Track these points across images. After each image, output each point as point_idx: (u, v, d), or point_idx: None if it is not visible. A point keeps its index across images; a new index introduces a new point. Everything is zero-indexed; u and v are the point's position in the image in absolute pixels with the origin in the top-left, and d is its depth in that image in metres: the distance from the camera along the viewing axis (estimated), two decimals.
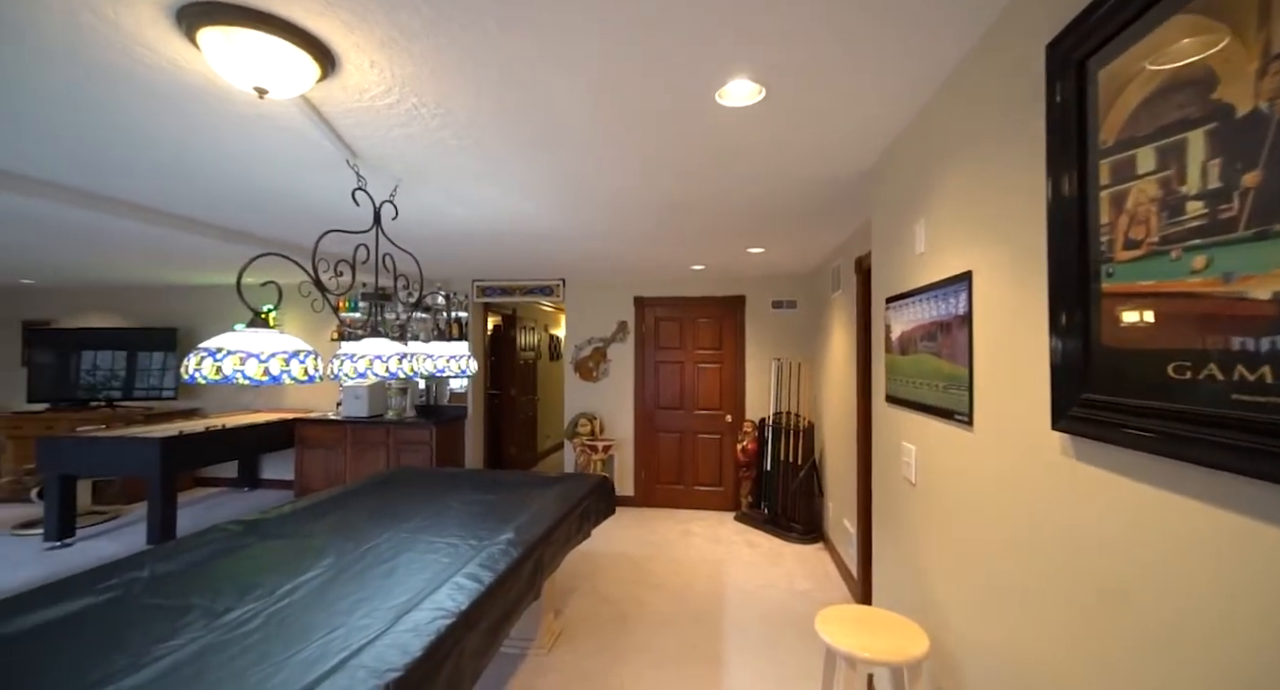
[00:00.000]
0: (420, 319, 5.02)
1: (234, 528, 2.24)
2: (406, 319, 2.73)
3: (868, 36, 1.29)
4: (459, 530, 2.28)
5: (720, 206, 2.71)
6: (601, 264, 4.45)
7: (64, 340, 5.63)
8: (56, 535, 3.88)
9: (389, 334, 2.23)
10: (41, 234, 3.29)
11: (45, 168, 2.19)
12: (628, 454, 5.13)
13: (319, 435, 4.86)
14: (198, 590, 1.71)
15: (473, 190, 2.48)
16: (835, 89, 1.55)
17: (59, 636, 1.43)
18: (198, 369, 1.45)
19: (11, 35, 1.29)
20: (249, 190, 2.47)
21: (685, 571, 3.58)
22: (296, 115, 1.71)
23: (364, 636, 1.42)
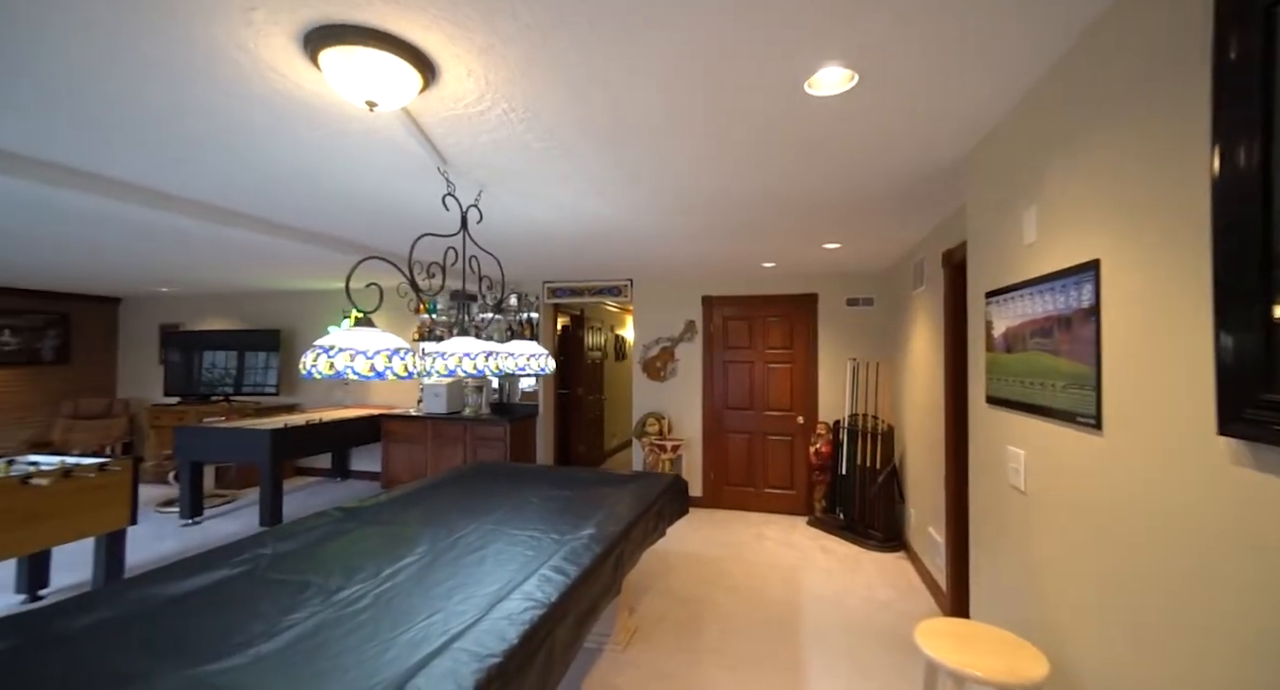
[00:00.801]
0: (494, 320, 5.23)
1: (337, 514, 2.41)
2: (491, 320, 2.84)
3: (981, 6, 1.21)
4: (540, 524, 2.34)
5: (800, 201, 2.64)
6: (670, 263, 4.45)
7: (190, 341, 6.30)
8: (189, 513, 4.35)
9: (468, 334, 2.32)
10: (181, 246, 3.69)
11: (191, 188, 2.45)
12: (696, 454, 5.09)
13: (403, 430, 5.16)
14: (312, 569, 1.85)
15: (550, 192, 2.54)
16: (936, 70, 1.46)
17: (209, 600, 1.59)
18: (314, 365, 1.56)
19: (175, 74, 1.44)
20: (348, 199, 2.65)
21: (759, 575, 3.50)
22: (396, 127, 1.82)
23: (461, 622, 1.48)
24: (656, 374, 5.22)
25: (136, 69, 1.45)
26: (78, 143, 1.95)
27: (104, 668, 1.22)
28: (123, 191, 2.39)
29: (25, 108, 1.68)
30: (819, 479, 4.57)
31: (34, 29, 1.28)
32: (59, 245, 3.70)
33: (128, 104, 1.66)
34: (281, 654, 1.33)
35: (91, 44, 1.34)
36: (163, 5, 1.19)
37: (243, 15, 1.23)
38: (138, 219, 2.81)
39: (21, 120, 1.77)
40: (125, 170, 2.24)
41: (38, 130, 1.85)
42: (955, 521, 2.85)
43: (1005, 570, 1.78)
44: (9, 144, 1.96)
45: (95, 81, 1.52)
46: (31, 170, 2.11)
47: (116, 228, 3.14)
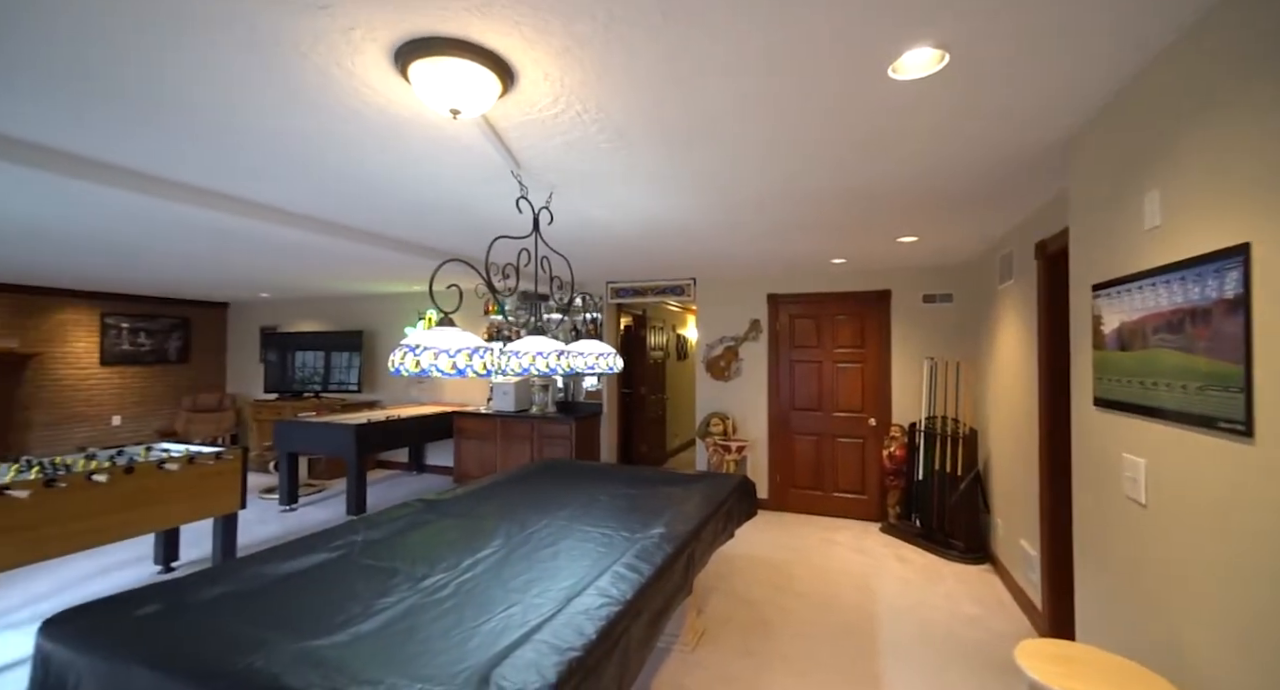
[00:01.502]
0: (560, 320, 5.34)
1: (418, 505, 2.53)
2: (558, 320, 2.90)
3: None
4: (610, 521, 2.37)
5: (877, 193, 2.51)
6: (734, 262, 4.38)
7: (285, 342, 6.87)
8: (287, 500, 4.74)
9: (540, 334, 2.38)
10: (281, 255, 4.03)
11: (291, 201, 2.67)
12: (761, 455, 4.99)
13: (474, 427, 5.39)
14: (399, 557, 1.95)
15: (617, 193, 2.56)
16: (1041, 44, 1.34)
17: (311, 580, 1.72)
18: (401, 363, 1.65)
19: (282, 98, 1.57)
20: (427, 206, 2.79)
21: (829, 581, 3.38)
22: (474, 134, 1.89)
23: (539, 614, 1.52)
24: (720, 374, 5.16)
25: (250, 97, 1.59)
26: (201, 163, 2.16)
27: (231, 635, 1.34)
28: (238, 206, 2.63)
29: (158, 135, 1.88)
30: (893, 484, 4.35)
31: (163, 69, 1.42)
32: (186, 256, 4.13)
33: (244, 128, 1.82)
34: (377, 634, 1.41)
35: (212, 79, 1.47)
36: (271, 35, 1.29)
37: (343, 35, 1.31)
38: (246, 230, 3.08)
39: (158, 145, 1.98)
40: (239, 187, 2.46)
41: (168, 153, 2.06)
42: (1051, 534, 2.63)
43: (1120, 590, 1.61)
44: (147, 167, 2.20)
45: (216, 111, 1.68)
46: (165, 190, 2.36)
47: (230, 239, 3.47)
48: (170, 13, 1.22)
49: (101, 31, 1.29)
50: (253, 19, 1.25)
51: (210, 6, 1.21)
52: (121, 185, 2.23)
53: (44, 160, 2.02)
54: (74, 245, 3.78)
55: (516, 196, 2.27)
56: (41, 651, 1.34)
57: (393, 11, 1.22)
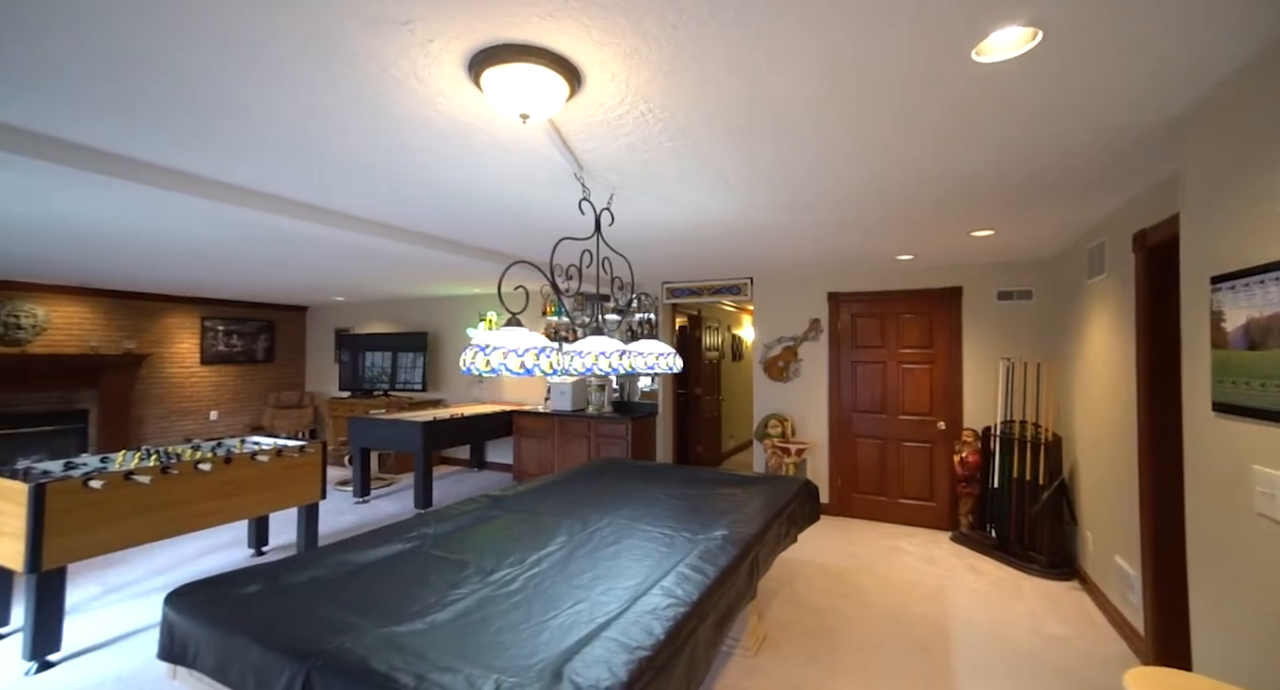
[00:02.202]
0: (615, 321, 5.39)
1: (484, 501, 2.62)
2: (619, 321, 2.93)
3: None
4: (671, 522, 2.36)
5: (951, 184, 2.38)
6: (794, 259, 4.27)
7: (356, 343, 7.29)
8: (360, 492, 5.03)
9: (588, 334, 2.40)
10: (355, 260, 4.28)
11: (365, 208, 2.83)
12: (821, 458, 4.84)
13: (532, 425, 5.52)
14: (467, 549, 2.02)
15: (677, 192, 2.55)
16: (1152, 15, 1.23)
17: (389, 569, 1.81)
18: (472, 362, 1.70)
19: (364, 110, 1.66)
20: (491, 210, 2.87)
21: (897, 591, 3.23)
22: (540, 138, 1.93)
23: (606, 612, 1.53)
24: (779, 374, 5.04)
25: (335, 114, 1.69)
26: (289, 177, 2.32)
27: (322, 616, 1.43)
28: (319, 215, 2.81)
29: (257, 153, 2.03)
30: (965, 491, 4.11)
31: (265, 88, 1.54)
32: (273, 263, 4.47)
33: (329, 143, 1.93)
34: (452, 624, 1.47)
35: (302, 101, 1.57)
36: (356, 53, 1.37)
37: (422, 48, 1.37)
38: (325, 236, 3.28)
39: (258, 163, 2.14)
40: (321, 197, 2.63)
41: (264, 170, 2.23)
42: (1155, 551, 2.40)
43: (1248, 617, 1.44)
44: (247, 182, 2.39)
45: (306, 130, 1.79)
46: (259, 201, 2.55)
47: (311, 245, 3.72)
48: (266, 42, 1.32)
49: (207, 70, 1.41)
50: (339, 39, 1.33)
51: (302, 31, 1.29)
52: (226, 199, 2.43)
53: (162, 179, 2.23)
54: (181, 255, 4.16)
55: (578, 199, 2.31)
56: (168, 620, 1.48)
57: (469, 22, 1.27)
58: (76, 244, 3.76)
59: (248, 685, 1.32)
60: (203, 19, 1.25)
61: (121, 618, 2.87)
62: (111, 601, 3.06)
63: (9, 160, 1.93)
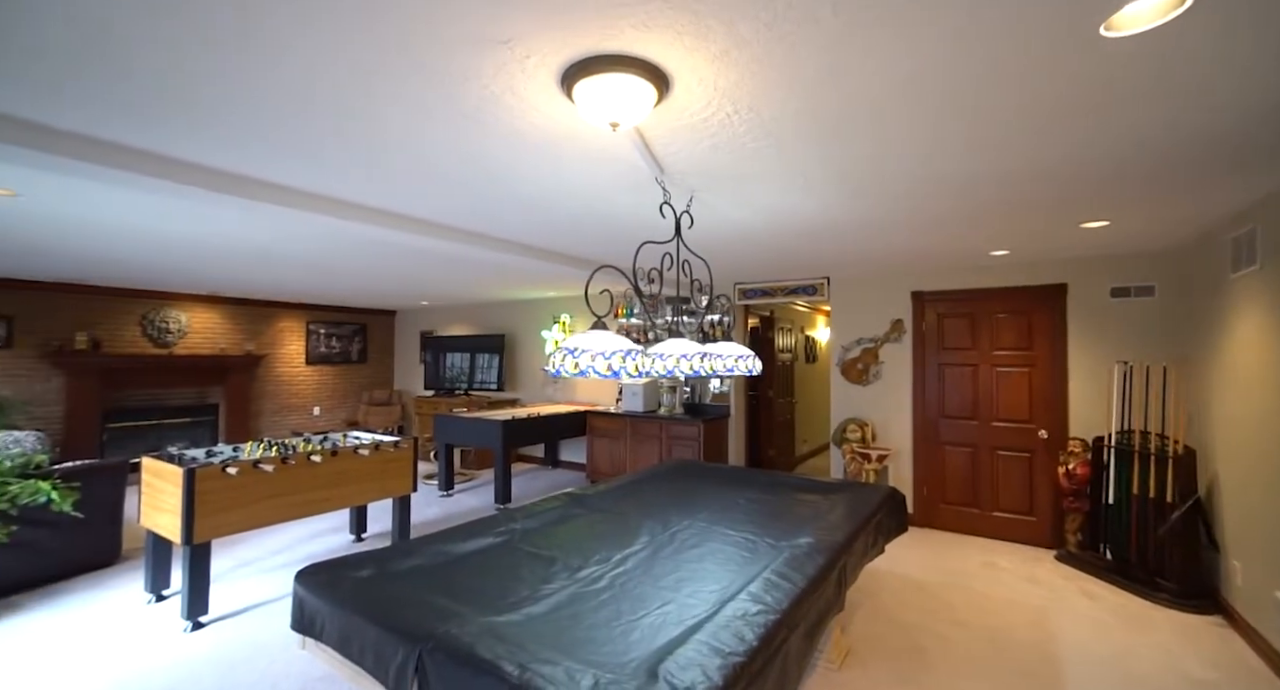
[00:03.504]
0: (687, 323, 5.38)
1: (565, 499, 2.69)
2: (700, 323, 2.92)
3: None
4: (751, 526, 2.32)
5: (1063, 173, 2.19)
6: (875, 258, 4.08)
7: (439, 344, 7.73)
8: (445, 486, 5.33)
9: (660, 336, 2.40)
10: (442, 266, 4.55)
11: (455, 217, 3.00)
12: (905, 465, 4.59)
13: (606, 426, 5.62)
14: (554, 546, 2.09)
15: (758, 193, 2.51)
16: None
17: (484, 562, 1.91)
18: (562, 364, 1.76)
19: (462, 124, 1.77)
20: (574, 216, 2.96)
21: (995, 612, 3.00)
22: (623, 144, 1.96)
23: (694, 614, 1.53)
24: (858, 377, 4.84)
25: (436, 130, 1.81)
26: (392, 191, 2.51)
27: (428, 603, 1.53)
28: (413, 225, 3.01)
29: (366, 168, 2.21)
30: (1072, 507, 3.75)
31: (379, 106, 1.67)
32: (369, 272, 4.84)
33: (429, 158, 2.07)
34: (546, 617, 1.52)
35: (405, 119, 1.70)
36: (458, 71, 1.45)
37: (519, 65, 1.44)
38: (416, 245, 3.49)
39: (364, 178, 2.33)
40: (416, 208, 2.82)
41: (369, 184, 2.42)
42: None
43: None
44: (351, 196, 2.60)
45: (410, 147, 1.93)
46: (363, 215, 2.77)
47: (402, 254, 3.99)
48: (383, 71, 1.43)
49: (340, 98, 1.55)
50: (446, 61, 1.41)
51: (416, 58, 1.39)
52: (334, 213, 2.66)
53: (285, 197, 2.47)
54: (292, 265, 4.60)
55: (659, 202, 2.33)
56: (298, 595, 1.64)
57: (565, 37, 1.31)
58: (212, 257, 4.25)
59: (366, 661, 1.44)
60: (332, 49, 1.38)
61: (251, 590, 3.21)
62: (242, 575, 3.42)
63: (157, 185, 2.20)
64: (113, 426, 5.97)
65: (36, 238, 3.58)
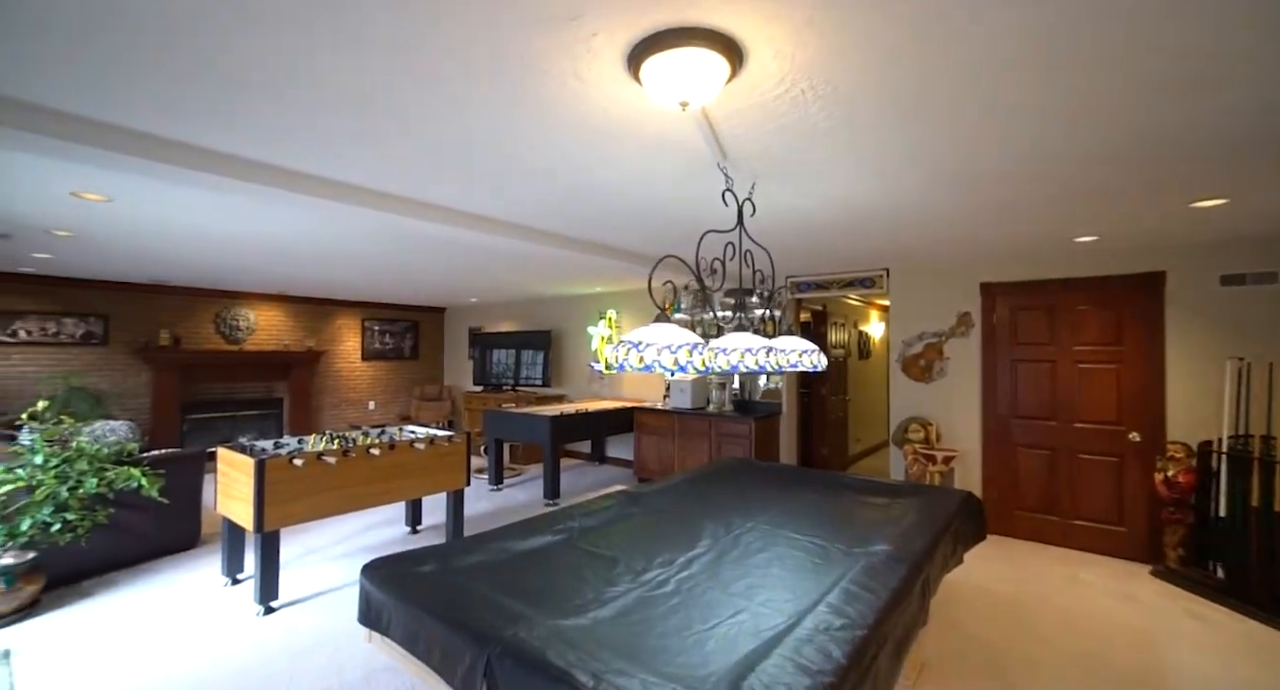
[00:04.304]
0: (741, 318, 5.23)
1: (621, 497, 2.63)
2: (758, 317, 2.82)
3: None
4: (819, 531, 2.19)
5: (1187, 142, 1.95)
6: (941, 247, 3.83)
7: (486, 341, 7.85)
8: (495, 481, 5.39)
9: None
10: (491, 262, 4.59)
11: (509, 212, 2.99)
12: (973, 468, 4.32)
13: (653, 422, 5.55)
14: (615, 546, 2.03)
15: (819, 179, 2.37)
16: None
17: (545, 560, 1.86)
18: (625, 358, 1.69)
19: (517, 112, 1.72)
20: (626, 208, 2.89)
21: (1087, 632, 2.75)
22: (685, 129, 1.87)
23: (770, 625, 1.43)
24: (920, 374, 4.58)
25: (493, 118, 1.76)
26: (446, 185, 2.51)
27: (493, 602, 1.49)
28: (465, 220, 3.01)
29: (423, 165, 2.21)
30: (1172, 518, 3.41)
31: (440, 103, 1.64)
32: (422, 269, 4.94)
33: (483, 148, 2.04)
34: (614, 623, 1.46)
35: (461, 117, 1.66)
36: (520, 53, 1.39)
37: (584, 44, 1.37)
38: (468, 240, 3.50)
39: (424, 174, 2.33)
40: (469, 203, 2.81)
41: (425, 179, 2.42)
42: None
43: None
44: (409, 193, 2.62)
45: (468, 140, 1.90)
46: (417, 211, 2.79)
47: (454, 249, 4.03)
48: (440, 55, 1.39)
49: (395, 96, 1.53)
50: (507, 43, 1.36)
51: (486, 46, 1.34)
52: (396, 210, 2.69)
53: (345, 194, 2.51)
54: (350, 263, 4.73)
55: (717, 192, 2.23)
56: (364, 589, 1.64)
57: (640, 7, 1.23)
58: (281, 257, 4.42)
59: (433, 659, 1.41)
60: (388, 45, 1.35)
61: (318, 577, 3.32)
62: (310, 562, 3.54)
63: (238, 186, 2.27)
64: (192, 418, 6.35)
65: (128, 241, 3.80)
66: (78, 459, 3.04)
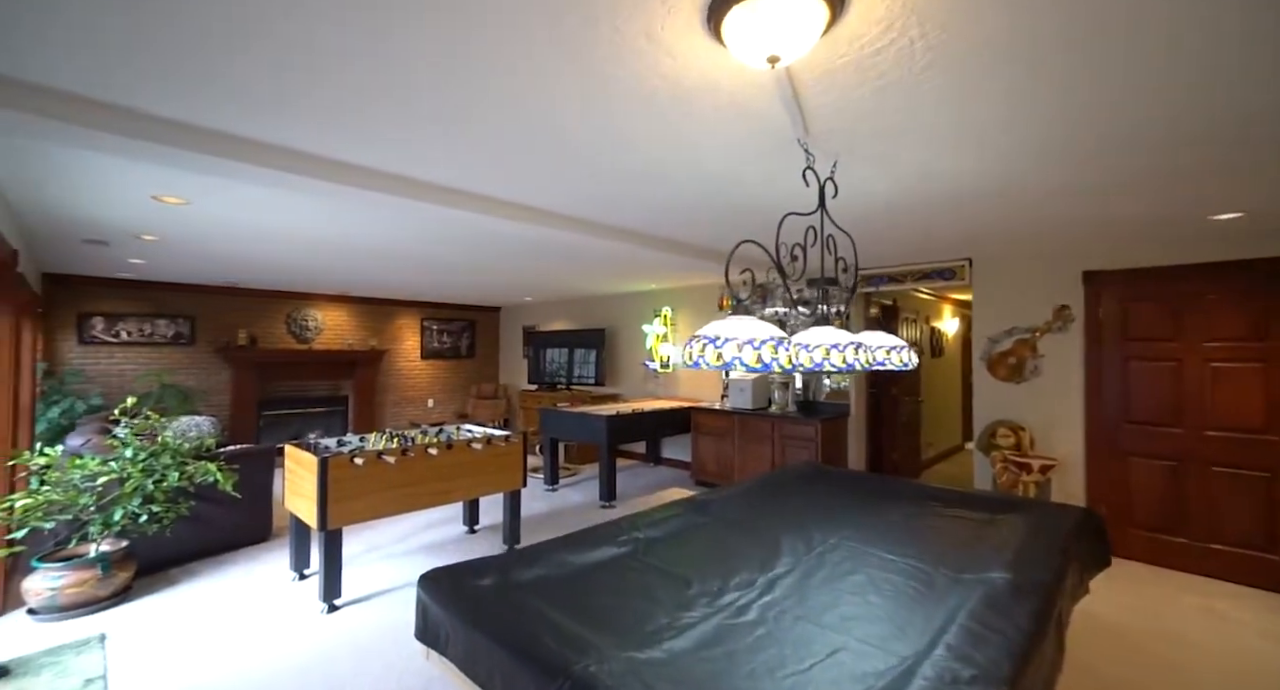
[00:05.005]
0: (800, 313, 4.94)
1: (686, 505, 2.44)
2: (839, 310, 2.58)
3: None
4: (916, 551, 1.93)
5: None
6: (1038, 233, 3.42)
7: (540, 339, 7.84)
8: (550, 481, 5.33)
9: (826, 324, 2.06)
10: (548, 259, 4.51)
11: (562, 204, 2.87)
12: (1074, 479, 3.85)
13: (712, 423, 5.32)
14: (685, 562, 1.85)
15: (913, 153, 2.10)
16: None
17: (611, 577, 1.71)
18: (700, 356, 1.51)
19: (579, 83, 1.57)
20: (691, 194, 2.70)
21: (1239, 677, 2.34)
22: (762, 98, 1.67)
23: (878, 669, 1.22)
24: (1009, 373, 4.14)
25: (554, 91, 1.62)
26: (505, 177, 2.40)
27: (558, 626, 1.34)
28: (525, 213, 2.92)
29: (486, 156, 2.11)
30: None
31: (508, 82, 1.51)
32: (479, 268, 4.93)
33: (543, 127, 1.91)
34: (694, 656, 1.28)
35: (529, 87, 1.52)
36: (592, 14, 1.24)
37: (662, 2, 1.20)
38: (526, 235, 3.41)
39: (488, 167, 2.24)
40: (529, 195, 2.71)
41: (484, 171, 2.33)
42: None
43: None
44: (458, 183, 2.54)
45: (533, 115, 1.77)
46: (478, 204, 2.72)
47: (512, 245, 3.97)
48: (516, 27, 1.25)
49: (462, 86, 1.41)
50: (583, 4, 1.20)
51: None
52: (458, 205, 2.63)
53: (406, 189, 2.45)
54: (412, 263, 4.78)
55: (790, 174, 2.02)
56: (421, 602, 1.54)
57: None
58: (348, 257, 4.51)
59: (494, 688, 1.28)
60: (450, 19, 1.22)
61: (380, 575, 3.32)
62: (371, 559, 3.57)
63: (312, 185, 2.25)
64: (266, 414, 6.66)
65: (205, 244, 3.97)
66: (162, 453, 3.17)
